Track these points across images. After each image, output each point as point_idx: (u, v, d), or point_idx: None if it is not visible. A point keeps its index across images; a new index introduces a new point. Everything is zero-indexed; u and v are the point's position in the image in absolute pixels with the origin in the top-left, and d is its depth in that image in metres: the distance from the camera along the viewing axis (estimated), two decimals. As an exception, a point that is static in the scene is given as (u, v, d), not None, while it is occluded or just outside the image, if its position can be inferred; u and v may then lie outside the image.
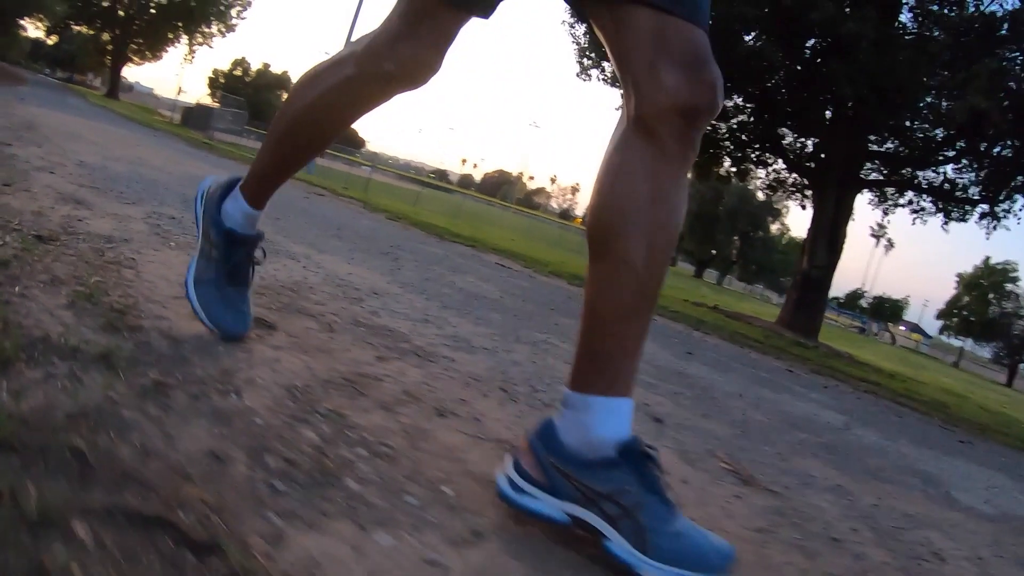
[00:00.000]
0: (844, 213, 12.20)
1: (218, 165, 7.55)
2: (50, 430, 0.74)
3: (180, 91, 32.11)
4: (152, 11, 34.25)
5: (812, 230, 12.45)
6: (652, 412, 1.91)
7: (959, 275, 58.27)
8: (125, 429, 0.80)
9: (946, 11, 10.03)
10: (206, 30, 34.26)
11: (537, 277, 5.95)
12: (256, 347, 1.29)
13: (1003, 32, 9.45)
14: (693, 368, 3.16)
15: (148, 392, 0.93)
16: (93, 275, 1.43)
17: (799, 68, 10.17)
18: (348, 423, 1.03)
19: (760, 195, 16.08)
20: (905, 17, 10.59)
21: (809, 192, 13.13)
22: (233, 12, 34.30)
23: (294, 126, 1.26)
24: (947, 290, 63.67)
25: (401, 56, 1.09)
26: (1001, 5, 9.59)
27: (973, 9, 9.76)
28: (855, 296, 71.34)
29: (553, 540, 0.89)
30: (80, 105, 13.83)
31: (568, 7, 1.09)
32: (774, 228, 61.22)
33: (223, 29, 34.44)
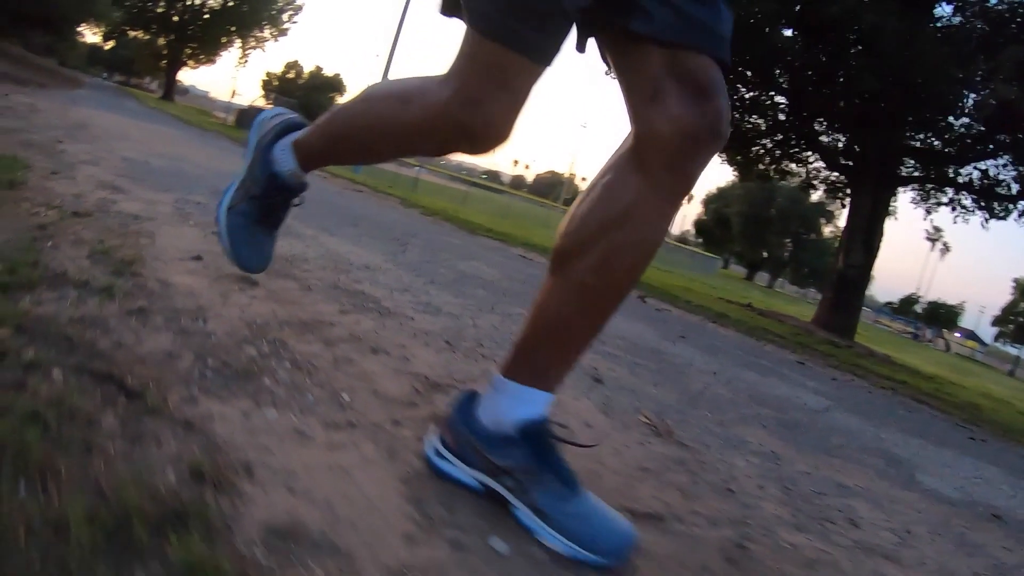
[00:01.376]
0: (881, 211, 12.09)
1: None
2: (54, 324, 1.04)
3: (234, 94, 33.19)
4: (206, 16, 35.53)
5: (848, 229, 12.36)
6: (597, 375, 2.06)
7: (1016, 280, 56.64)
8: (108, 331, 1.10)
9: (988, 2, 9.95)
10: (259, 34, 35.46)
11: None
12: (234, 295, 1.59)
13: None
14: (677, 348, 3.32)
15: (133, 313, 1.23)
16: (113, 239, 1.75)
17: (823, 61, 10.15)
18: (287, 348, 1.31)
19: (813, 196, 15.90)
20: (946, 9, 10.53)
21: (848, 190, 13.05)
22: (285, 16, 35.41)
23: (352, 131, 1.16)
24: (1005, 296, 61.85)
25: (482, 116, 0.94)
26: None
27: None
28: (909, 301, 69.60)
29: (415, 448, 1.09)
30: (134, 107, 14.53)
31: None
32: (827, 231, 60.11)
33: (275, 33, 35.60)
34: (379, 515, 0.78)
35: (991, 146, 11.31)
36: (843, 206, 13.92)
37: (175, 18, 35.63)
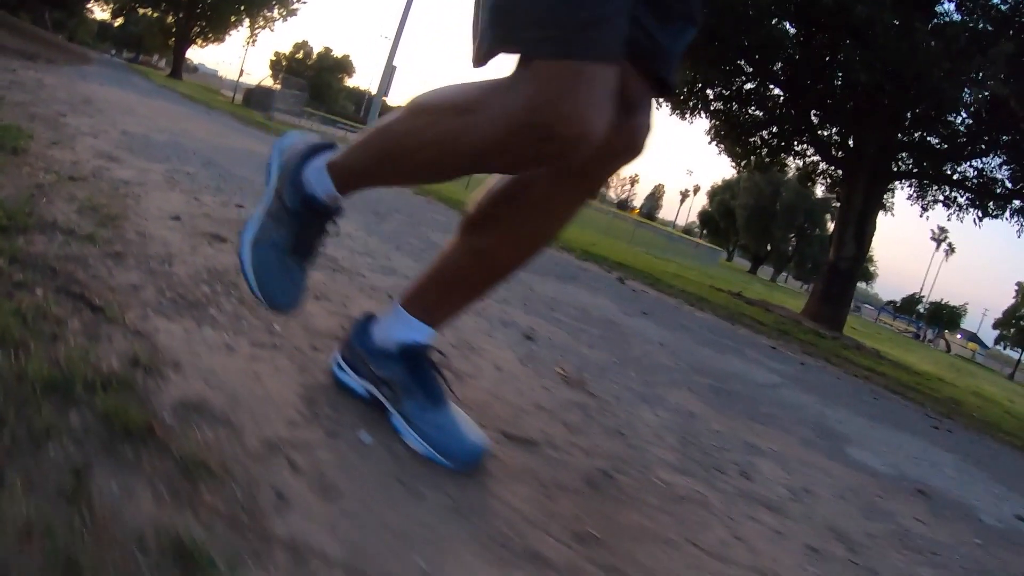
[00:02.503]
0: (874, 205, 12.26)
1: (263, 141, 8.19)
2: (42, 259, 1.28)
3: (242, 73, 33.37)
4: (215, -6, 35.65)
5: (840, 221, 12.54)
6: (531, 334, 2.24)
7: (1019, 283, 56.85)
8: (87, 267, 1.34)
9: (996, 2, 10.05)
10: (268, 14, 35.64)
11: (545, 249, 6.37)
12: (202, 248, 1.83)
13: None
14: (634, 322, 3.51)
15: (110, 255, 1.47)
16: (102, 199, 2.00)
17: (818, 53, 10.30)
18: (237, 289, 1.55)
19: (819, 192, 15.95)
20: (948, 7, 10.65)
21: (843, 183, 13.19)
22: (294, -3, 35.60)
23: (402, 150, 1.07)
24: (1009, 299, 62.03)
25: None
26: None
27: None
28: (912, 301, 69.76)
29: (324, 366, 1.36)
30: (141, 84, 14.76)
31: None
32: (832, 227, 60.17)
33: (284, 13, 35.78)
34: (273, 406, 1.01)
35: (984, 144, 11.47)
36: (839, 200, 14.10)
37: (184, -5, 35.81)
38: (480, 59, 0.97)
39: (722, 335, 4.70)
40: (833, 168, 13.67)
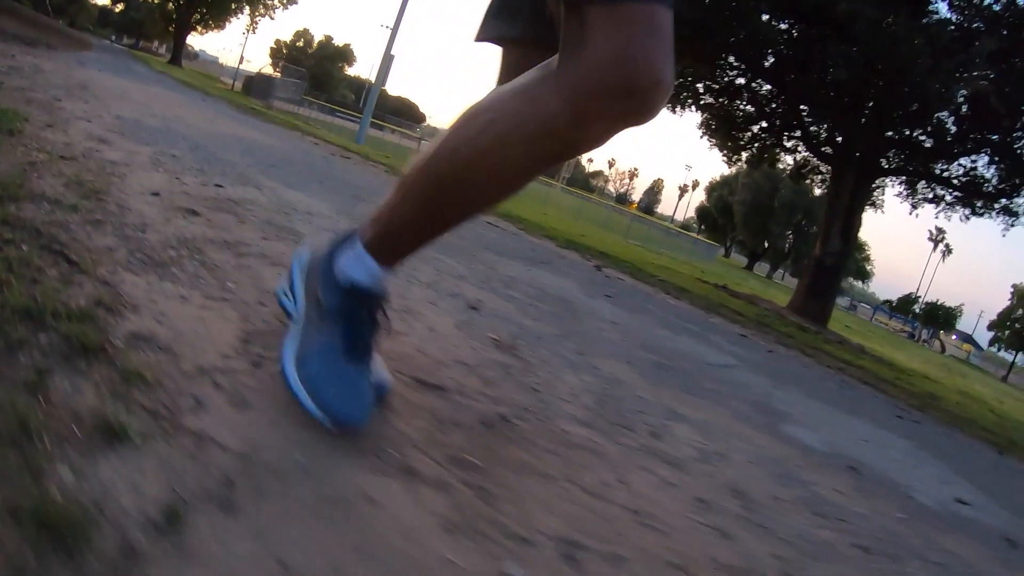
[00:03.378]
0: (861, 200, 12.45)
1: (255, 127, 8.38)
2: (29, 223, 1.50)
3: (242, 60, 33.51)
4: (216, -19, 35.79)
5: (827, 216, 12.70)
6: (478, 305, 2.42)
7: (1014, 286, 57.30)
8: (68, 231, 1.56)
9: (989, 2, 10.21)
10: (268, 2, 35.79)
11: (523, 235, 6.41)
12: (176, 220, 2.04)
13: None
14: (592, 302, 3.65)
15: (90, 222, 1.69)
16: (89, 176, 2.21)
17: (802, 47, 10.45)
18: (202, 254, 1.77)
19: (817, 190, 16.07)
20: (943, 8, 10.84)
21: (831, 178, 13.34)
22: (296, -15, 35.75)
23: (459, 176, 1.00)
24: (1005, 302, 62.43)
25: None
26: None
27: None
28: (908, 301, 70.13)
29: (268, 318, 1.58)
30: (140, 70, 14.95)
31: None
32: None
33: (285, 1, 35.91)
34: (211, 343, 1.21)
35: (971, 143, 11.64)
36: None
37: (185, -18, 35.95)
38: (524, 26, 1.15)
39: (689, 321, 4.77)
40: (822, 163, 13.84)
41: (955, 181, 12.65)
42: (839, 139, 12.43)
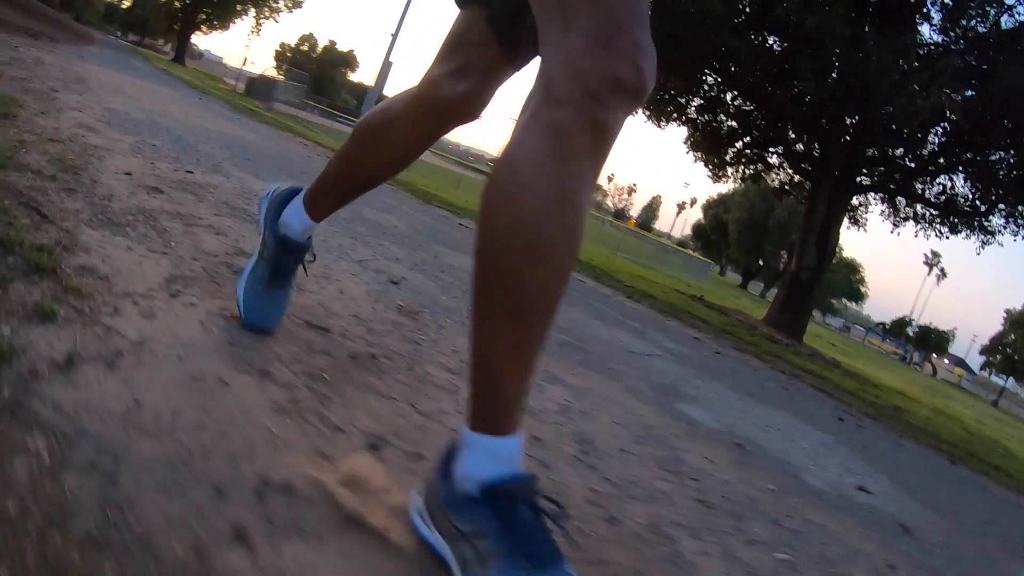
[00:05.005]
0: (837, 216, 12.69)
1: (244, 126, 8.74)
2: (12, 186, 1.86)
3: (245, 61, 33.99)
4: (222, -18, 36.37)
5: (804, 231, 12.95)
6: (399, 281, 2.72)
7: (1007, 311, 57.86)
8: (45, 194, 1.92)
9: (973, 23, 10.59)
10: (273, 4, 36.37)
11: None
12: (139, 195, 2.41)
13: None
14: None
15: (65, 190, 2.05)
16: (71, 155, 2.57)
17: (773, 62, 10.75)
18: (155, 221, 2.13)
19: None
20: (927, 31, 11.19)
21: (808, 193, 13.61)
22: (300, -12, 36.33)
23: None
24: (997, 326, 63.03)
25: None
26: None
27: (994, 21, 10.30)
28: (902, 324, 70.65)
29: (190, 268, 1.96)
30: (141, 67, 15.35)
31: None
32: (828, 247, 60.42)
33: (289, 4, 36.47)
34: (141, 279, 1.56)
35: (946, 161, 11.95)
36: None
37: (191, -19, 36.52)
38: None
39: (635, 319, 4.89)
40: (803, 179, 14.07)
41: (932, 199, 12.96)
42: (816, 154, 12.69)
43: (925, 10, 10.52)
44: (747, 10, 10.22)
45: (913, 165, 12.27)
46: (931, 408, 9.44)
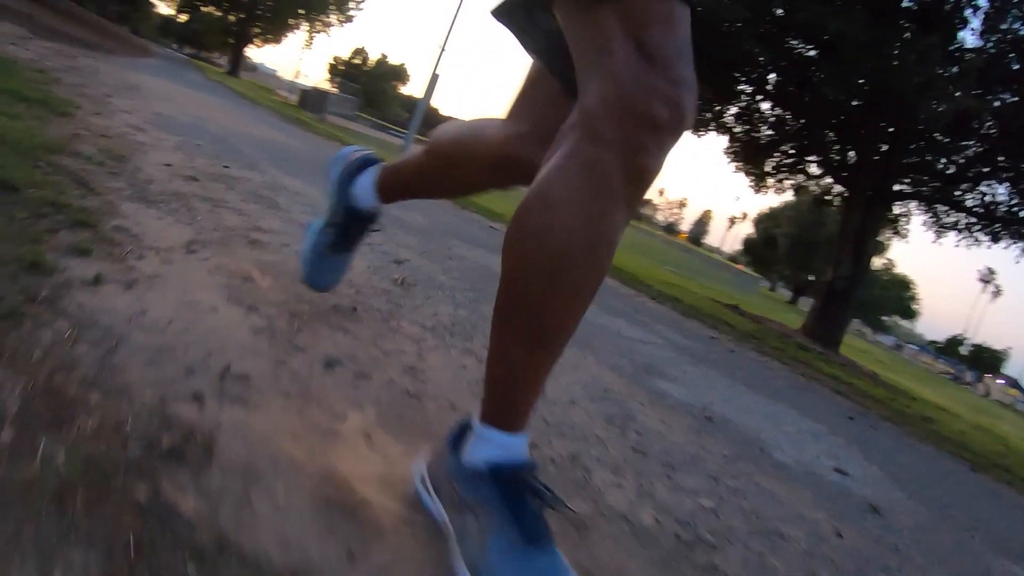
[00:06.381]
0: (873, 224, 12.51)
1: (289, 134, 9.16)
2: (66, 166, 2.19)
3: (298, 74, 35.05)
4: (275, -3, 37.72)
5: (840, 240, 12.78)
6: (402, 261, 3.02)
7: (1065, 330, 55.88)
8: (92, 175, 2.23)
9: (1018, 27, 10.47)
10: (325, 18, 37.45)
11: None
12: (175, 182, 2.72)
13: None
14: None
15: (110, 173, 2.37)
16: (118, 147, 2.91)
17: (795, 68, 10.72)
18: (186, 200, 2.44)
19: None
20: (970, 38, 11.04)
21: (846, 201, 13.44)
22: (352, 3, 37.34)
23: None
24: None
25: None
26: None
27: None
28: (955, 343, 68.71)
29: (207, 236, 2.25)
30: (194, 78, 16.02)
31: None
32: (879, 262, 59.10)
33: (341, 19, 37.57)
34: (166, 239, 1.86)
35: (985, 167, 11.73)
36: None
37: (245, -2, 38.03)
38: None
39: (645, 313, 4.93)
40: (841, 187, 13.88)
41: (972, 206, 12.68)
42: (850, 161, 12.58)
43: (965, 14, 10.41)
44: (770, 18, 10.23)
45: (952, 171, 12.06)
46: (972, 424, 8.95)
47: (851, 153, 12.58)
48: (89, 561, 0.62)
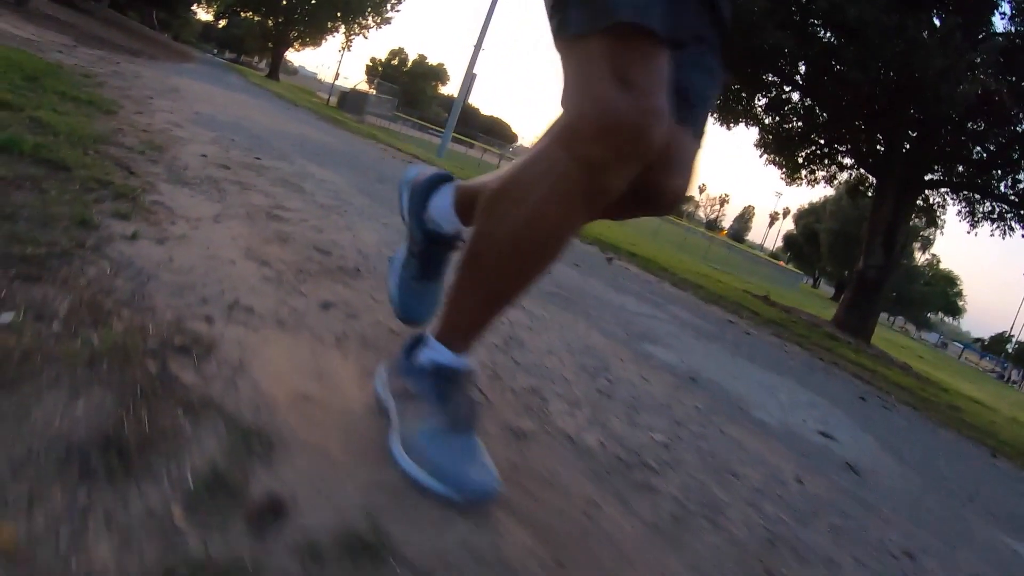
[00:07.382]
0: (903, 214, 12.40)
1: (325, 132, 9.47)
2: (111, 154, 2.47)
3: (337, 76, 35.67)
4: (313, 1, 38.54)
5: (870, 229, 12.63)
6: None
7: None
8: (134, 161, 2.52)
9: None
10: (362, 21, 38.08)
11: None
12: (209, 168, 3.00)
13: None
14: (565, 273, 4.52)
15: (151, 160, 2.65)
16: (158, 139, 3.21)
17: (821, 56, 10.67)
18: (218, 184, 2.71)
19: (914, 220, 15.04)
20: (999, 21, 10.88)
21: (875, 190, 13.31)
22: (388, 5, 37.94)
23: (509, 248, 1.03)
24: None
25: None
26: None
27: None
28: (1001, 340, 66.85)
29: (238, 211, 2.52)
30: (234, 82, 16.50)
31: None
32: (922, 257, 57.77)
33: (379, 21, 38.17)
34: (196, 211, 2.12)
35: (1017, 155, 11.53)
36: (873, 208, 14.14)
37: (283, 2, 38.94)
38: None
39: (659, 295, 5.01)
40: (871, 176, 13.73)
41: (1005, 193, 12.49)
42: (881, 150, 12.47)
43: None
44: (787, 4, 10.22)
45: (983, 158, 11.88)
46: (1007, 417, 8.56)
47: (880, 142, 12.46)
48: (106, 400, 0.87)
